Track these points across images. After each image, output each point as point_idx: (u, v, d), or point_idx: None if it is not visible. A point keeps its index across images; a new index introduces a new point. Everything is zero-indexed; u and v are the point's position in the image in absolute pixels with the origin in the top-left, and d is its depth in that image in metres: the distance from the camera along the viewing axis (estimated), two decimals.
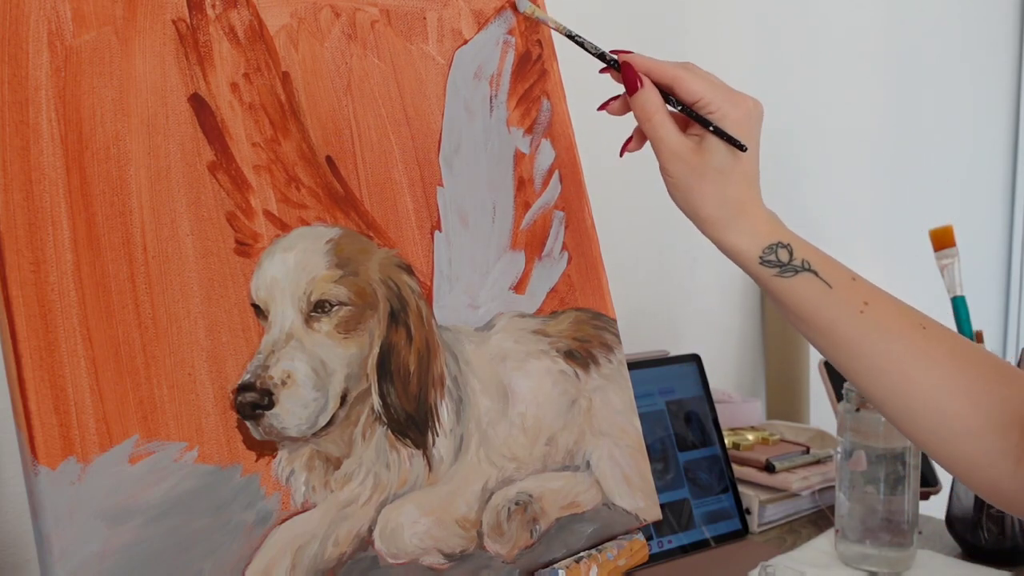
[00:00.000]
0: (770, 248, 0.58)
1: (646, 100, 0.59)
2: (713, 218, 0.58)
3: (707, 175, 0.58)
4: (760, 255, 0.58)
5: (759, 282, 0.59)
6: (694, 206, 0.59)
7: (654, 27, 1.27)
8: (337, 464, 0.55)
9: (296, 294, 0.54)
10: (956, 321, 1.00)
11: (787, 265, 0.58)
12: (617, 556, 0.66)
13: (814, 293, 0.58)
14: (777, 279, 0.58)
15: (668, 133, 0.58)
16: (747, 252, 0.58)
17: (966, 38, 1.96)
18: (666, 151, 0.58)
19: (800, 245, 0.59)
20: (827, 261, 0.59)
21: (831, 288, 0.57)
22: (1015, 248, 2.15)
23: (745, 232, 0.58)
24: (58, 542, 0.43)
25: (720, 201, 0.58)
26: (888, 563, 0.88)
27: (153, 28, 0.51)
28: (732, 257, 0.59)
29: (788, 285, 0.58)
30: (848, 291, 0.58)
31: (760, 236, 0.58)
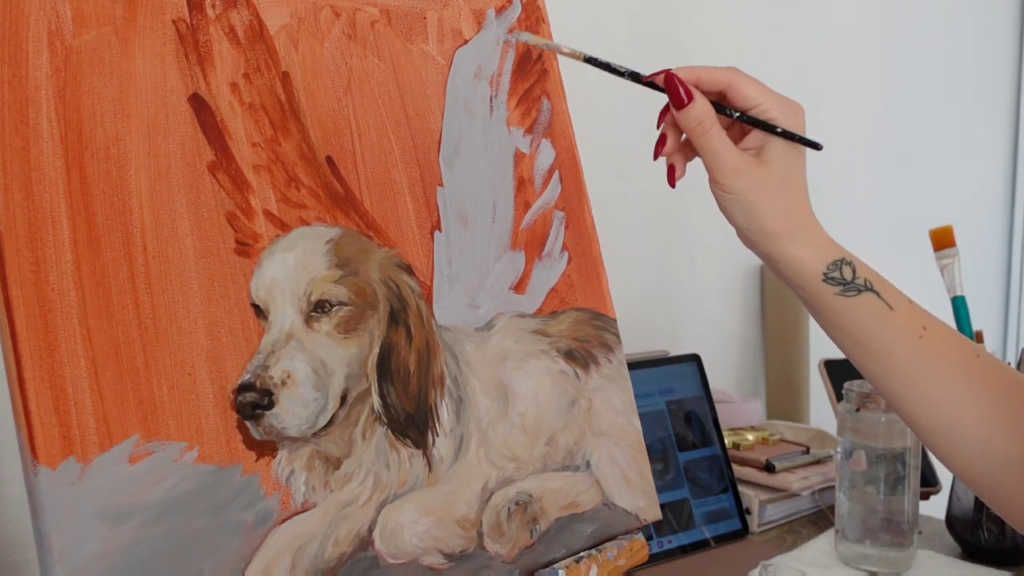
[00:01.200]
0: (835, 264, 0.55)
1: (699, 113, 0.55)
2: (780, 232, 0.55)
3: (771, 188, 0.55)
4: (825, 271, 0.55)
5: (816, 300, 0.56)
6: (760, 222, 0.55)
7: (653, 28, 1.27)
8: (337, 464, 0.55)
9: (296, 294, 0.54)
10: (956, 321, 1.00)
11: (850, 284, 0.55)
12: (617, 556, 0.66)
13: (875, 315, 0.55)
14: (838, 298, 0.55)
15: (727, 148, 0.55)
16: (813, 267, 0.55)
17: (966, 38, 1.96)
18: (726, 168, 0.55)
19: (860, 263, 0.56)
20: (885, 282, 0.56)
21: (892, 310, 0.55)
22: (1015, 248, 2.15)
23: (811, 246, 0.55)
24: (58, 542, 0.43)
25: (787, 214, 0.55)
26: (888, 563, 0.88)
27: (153, 28, 0.51)
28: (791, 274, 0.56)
29: (850, 305, 0.55)
30: (908, 315, 0.55)
31: (825, 251, 0.55)
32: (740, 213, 0.56)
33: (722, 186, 0.55)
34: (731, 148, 0.55)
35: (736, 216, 0.56)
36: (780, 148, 0.56)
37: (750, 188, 0.55)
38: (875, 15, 1.71)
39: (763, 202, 0.55)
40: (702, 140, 0.55)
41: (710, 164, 0.55)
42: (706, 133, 0.55)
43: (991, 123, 2.09)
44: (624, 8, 1.23)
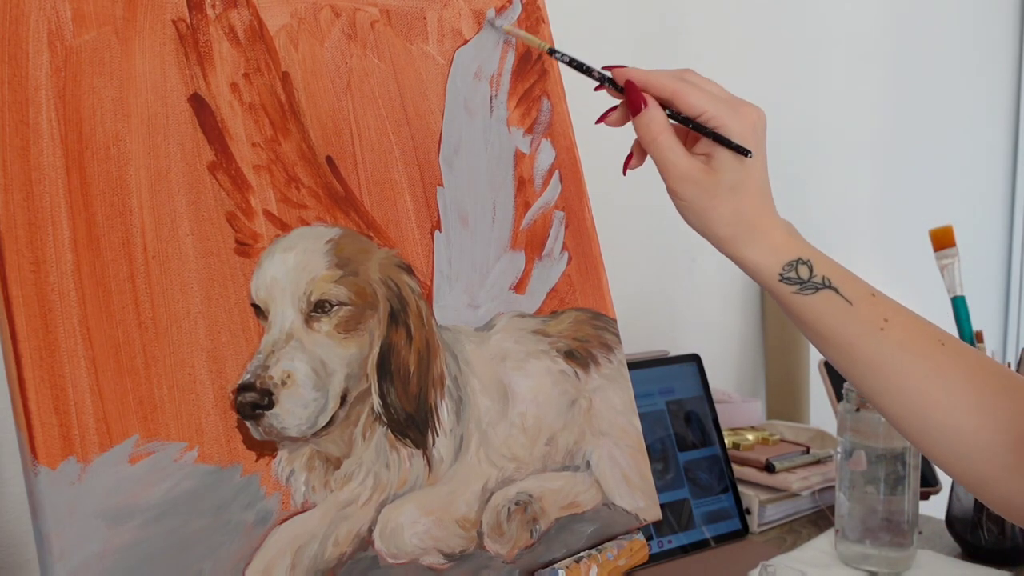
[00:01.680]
0: (790, 265, 0.57)
1: (650, 120, 0.56)
2: (730, 236, 0.57)
3: (719, 194, 0.56)
4: (780, 272, 0.57)
5: (777, 299, 0.58)
6: (710, 227, 0.57)
7: (654, 29, 1.27)
8: (337, 464, 0.55)
9: (296, 294, 0.54)
10: (956, 321, 1.00)
11: (807, 282, 0.56)
12: (617, 556, 0.66)
13: (834, 311, 0.56)
14: (797, 296, 0.57)
15: (676, 155, 0.56)
16: (767, 269, 0.57)
17: (966, 38, 1.96)
18: (675, 174, 0.56)
19: (820, 260, 0.57)
20: (847, 276, 0.57)
21: (851, 305, 0.56)
22: (1015, 248, 2.15)
23: (764, 248, 0.57)
24: (58, 542, 0.43)
25: (736, 219, 0.56)
26: (888, 563, 0.88)
27: (153, 28, 0.51)
28: (751, 274, 0.58)
29: (808, 303, 0.56)
30: (868, 308, 0.56)
31: (779, 252, 0.57)
32: (692, 218, 0.58)
33: (673, 192, 0.57)
34: (681, 155, 0.56)
35: (690, 221, 0.58)
36: (728, 153, 0.56)
37: (699, 195, 0.56)
38: (875, 15, 1.71)
39: (712, 208, 0.56)
40: (652, 147, 0.56)
41: (661, 170, 0.57)
42: (655, 140, 0.56)
43: (991, 123, 2.09)
44: (625, 8, 1.23)
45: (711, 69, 0.61)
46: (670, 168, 0.56)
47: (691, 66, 0.61)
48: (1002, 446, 0.54)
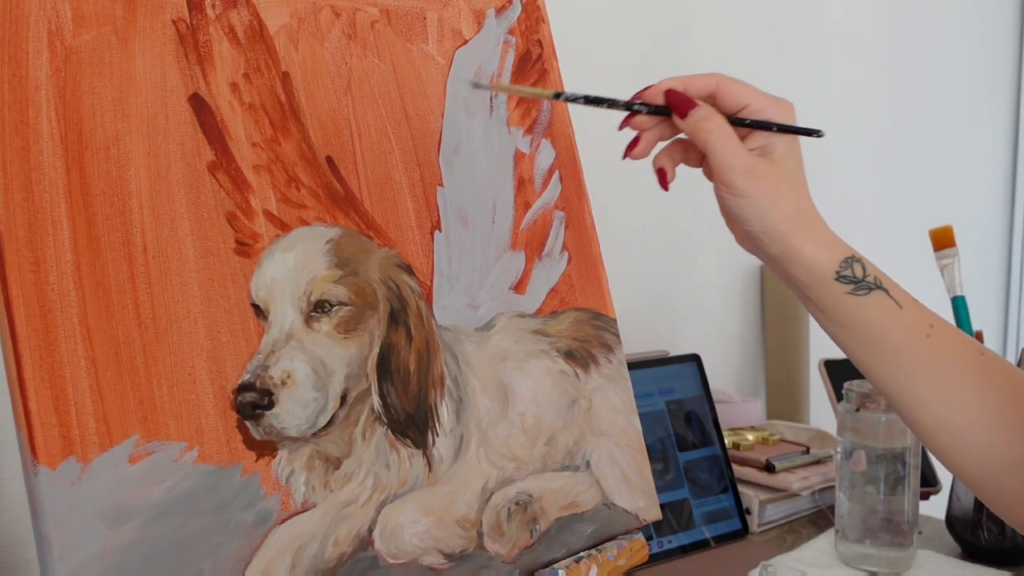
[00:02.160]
0: (846, 262, 0.54)
1: (705, 117, 0.53)
2: (792, 231, 0.54)
3: (782, 186, 0.54)
4: (837, 269, 0.54)
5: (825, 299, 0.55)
6: (773, 221, 0.53)
7: (654, 28, 1.27)
8: (337, 464, 0.55)
9: (296, 294, 0.54)
10: (956, 321, 1.00)
11: (861, 282, 0.54)
12: (617, 556, 0.66)
13: (885, 314, 0.54)
14: (849, 297, 0.54)
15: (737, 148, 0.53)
16: (825, 265, 0.54)
17: (966, 38, 1.96)
18: (741, 167, 0.53)
19: (867, 261, 0.55)
20: (891, 281, 0.55)
21: (901, 308, 0.54)
22: (1015, 248, 2.15)
23: (822, 243, 0.54)
24: (58, 542, 0.43)
25: (797, 212, 0.54)
26: (888, 563, 0.88)
27: (153, 28, 0.51)
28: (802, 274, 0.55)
29: (860, 304, 0.54)
30: (916, 313, 0.55)
31: (835, 248, 0.54)
32: (753, 216, 0.54)
33: (733, 189, 0.54)
34: (741, 149, 0.53)
35: (748, 220, 0.54)
36: (785, 146, 0.54)
37: (763, 188, 0.53)
38: (875, 16, 1.71)
39: (776, 202, 0.54)
40: (710, 139, 0.53)
41: (719, 166, 0.53)
42: (713, 131, 0.53)
43: (991, 123, 2.09)
44: (625, 8, 1.23)
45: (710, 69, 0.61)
46: (733, 162, 0.53)
47: (691, 67, 0.60)
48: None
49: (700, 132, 0.54)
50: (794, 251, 0.54)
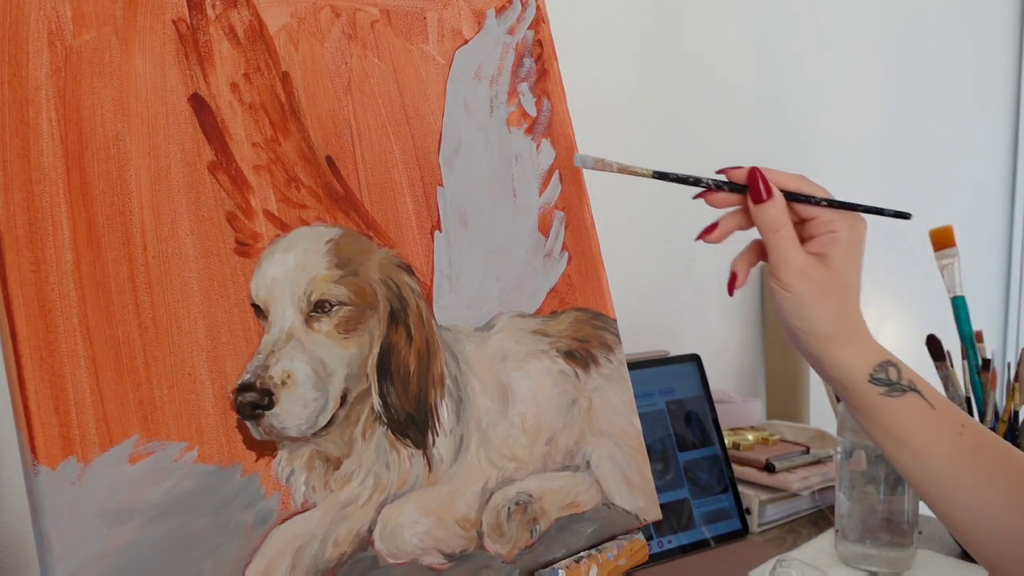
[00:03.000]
0: (881, 366, 0.57)
1: (776, 211, 0.57)
2: (830, 336, 0.57)
3: (831, 292, 0.57)
4: (871, 372, 0.57)
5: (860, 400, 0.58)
6: (812, 324, 0.57)
7: (654, 28, 1.27)
8: (337, 464, 0.55)
9: (296, 294, 0.54)
10: (956, 321, 1.00)
11: (895, 384, 0.57)
12: (617, 556, 0.66)
13: (918, 414, 0.56)
14: (883, 398, 0.57)
15: (796, 248, 0.57)
16: (859, 371, 0.57)
17: (966, 38, 1.96)
18: (793, 266, 0.57)
19: (903, 365, 0.58)
20: (924, 382, 0.58)
21: (934, 409, 0.57)
22: (1015, 248, 2.15)
23: (858, 350, 0.57)
24: (58, 542, 0.43)
25: (840, 319, 0.57)
26: (888, 563, 0.88)
27: (153, 28, 0.51)
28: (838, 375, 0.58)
29: (893, 405, 0.57)
30: (948, 413, 0.57)
31: (871, 354, 0.57)
32: (796, 313, 0.57)
33: (784, 283, 0.57)
34: (798, 248, 0.57)
35: (791, 315, 0.58)
36: (842, 254, 0.57)
37: (810, 290, 0.56)
38: (875, 15, 1.71)
39: (820, 305, 0.57)
40: (774, 237, 0.57)
41: (776, 261, 0.57)
42: (779, 231, 0.57)
43: (991, 123, 2.09)
44: (625, 9, 1.23)
45: (711, 70, 0.61)
46: (789, 260, 0.57)
47: (691, 67, 0.61)
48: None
49: (768, 227, 0.57)
50: (830, 354, 0.57)
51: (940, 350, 1.02)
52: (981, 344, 1.02)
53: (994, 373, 0.99)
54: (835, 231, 0.57)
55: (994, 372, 0.99)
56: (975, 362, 1.01)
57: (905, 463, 0.58)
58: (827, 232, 0.58)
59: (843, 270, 0.57)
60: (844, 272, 0.57)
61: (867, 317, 0.60)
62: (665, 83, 1.26)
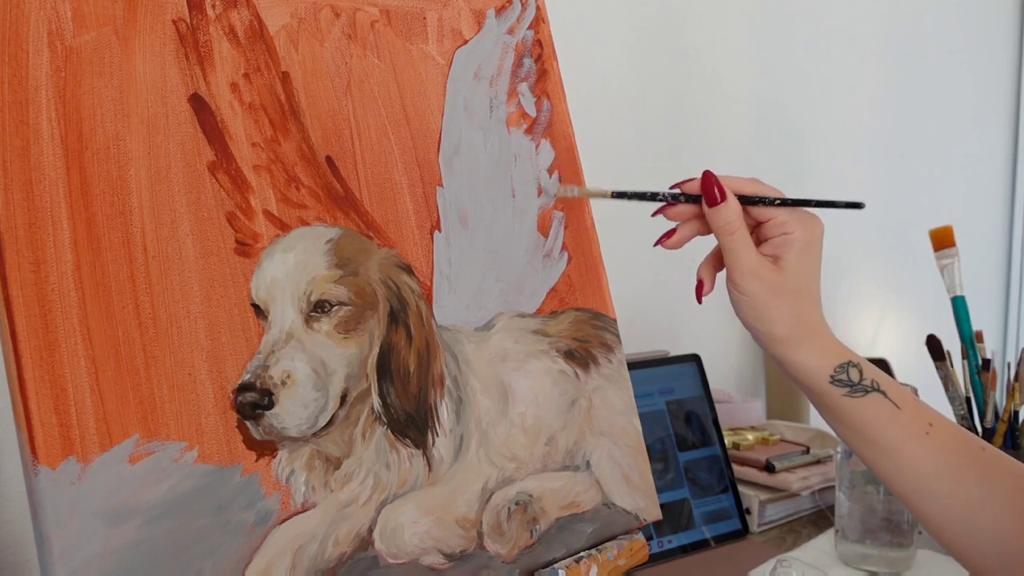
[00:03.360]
0: (841, 367, 0.57)
1: (730, 213, 0.57)
2: (786, 337, 0.57)
3: (784, 295, 0.57)
4: (832, 374, 0.57)
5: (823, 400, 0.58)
6: (767, 325, 0.57)
7: (654, 28, 1.27)
8: (337, 464, 0.55)
9: (296, 294, 0.54)
10: (956, 321, 1.00)
11: (857, 385, 0.57)
12: (617, 556, 0.66)
13: (882, 414, 0.56)
14: (846, 399, 0.57)
15: (749, 250, 0.57)
16: (818, 371, 0.57)
17: (966, 38, 1.96)
18: (745, 267, 0.57)
19: (866, 364, 0.58)
20: (891, 381, 0.58)
21: (899, 409, 0.57)
22: (1015, 248, 2.15)
23: (816, 351, 0.57)
24: (58, 542, 0.43)
25: (795, 321, 0.57)
26: (888, 563, 0.88)
27: (153, 28, 0.51)
28: (798, 375, 0.58)
29: (857, 405, 0.57)
30: (914, 412, 0.57)
31: (831, 354, 0.57)
32: (751, 315, 0.58)
33: (737, 285, 0.58)
34: (752, 251, 0.57)
35: (747, 317, 0.58)
36: (796, 256, 0.57)
37: (763, 291, 0.57)
38: (875, 15, 1.71)
39: (774, 307, 0.57)
40: (728, 240, 0.57)
41: (731, 263, 0.58)
42: (733, 233, 0.57)
43: (991, 123, 2.09)
44: (625, 9, 1.23)
45: (711, 71, 0.61)
46: (741, 261, 0.57)
47: (690, 69, 0.61)
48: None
49: (721, 230, 0.58)
50: (788, 356, 0.58)
51: (940, 350, 1.02)
52: (981, 344, 1.02)
53: (994, 373, 0.99)
54: (788, 233, 0.57)
55: (994, 372, 0.99)
56: (975, 362, 1.01)
57: (876, 463, 0.58)
58: (781, 234, 0.58)
59: (797, 271, 0.57)
60: (798, 274, 0.57)
61: (867, 317, 0.60)
62: (665, 84, 1.26)
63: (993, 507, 0.54)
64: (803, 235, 0.58)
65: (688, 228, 0.61)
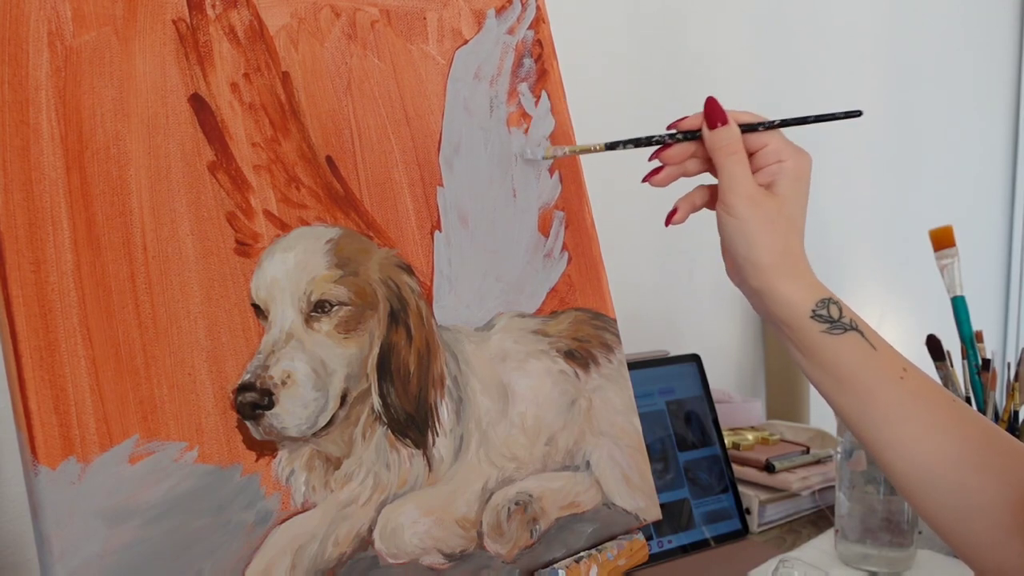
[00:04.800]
0: (822, 303, 0.57)
1: (730, 134, 0.58)
2: (772, 265, 0.57)
3: (777, 221, 0.57)
4: (813, 308, 0.57)
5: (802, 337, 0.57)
6: (756, 251, 0.57)
7: (653, 28, 1.27)
8: (337, 464, 0.55)
9: (296, 294, 0.54)
10: (956, 321, 1.00)
11: (837, 322, 0.57)
12: (617, 556, 0.66)
13: (859, 354, 0.56)
14: (824, 335, 0.57)
15: (746, 173, 0.57)
16: (801, 304, 0.57)
17: (966, 38, 1.96)
18: (741, 190, 0.57)
19: (845, 305, 0.58)
20: (867, 325, 0.58)
21: (875, 350, 0.57)
22: (1015, 248, 2.15)
23: (800, 284, 0.57)
24: (58, 542, 0.43)
25: (783, 249, 0.57)
26: (888, 563, 0.88)
27: (153, 28, 0.51)
28: (779, 309, 0.58)
29: (835, 343, 0.56)
30: (889, 356, 0.57)
31: (813, 289, 0.57)
32: (741, 241, 0.57)
33: (731, 208, 0.57)
34: (749, 175, 0.57)
35: (736, 243, 0.58)
36: (789, 185, 0.58)
37: (757, 216, 0.57)
38: (875, 15, 1.71)
39: (766, 233, 0.57)
40: (727, 160, 0.57)
41: (727, 185, 0.57)
42: (734, 153, 0.57)
43: (991, 123, 2.09)
44: (625, 9, 1.23)
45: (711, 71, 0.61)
46: (738, 183, 0.57)
47: (690, 69, 0.61)
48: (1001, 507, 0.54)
49: (722, 150, 0.58)
50: (772, 286, 0.57)
51: (940, 350, 1.02)
52: (981, 344, 1.02)
53: (994, 373, 0.99)
54: (783, 160, 0.58)
55: (994, 372, 0.99)
56: (975, 362, 1.01)
57: (846, 405, 0.58)
58: (775, 162, 0.58)
59: (789, 200, 0.58)
60: (790, 203, 0.58)
61: (867, 317, 0.60)
62: (665, 84, 1.26)
63: (956, 458, 0.55)
64: (795, 165, 0.58)
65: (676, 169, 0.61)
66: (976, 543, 0.55)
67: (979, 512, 0.54)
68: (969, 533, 0.55)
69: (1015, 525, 0.54)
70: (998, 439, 0.55)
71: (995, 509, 0.54)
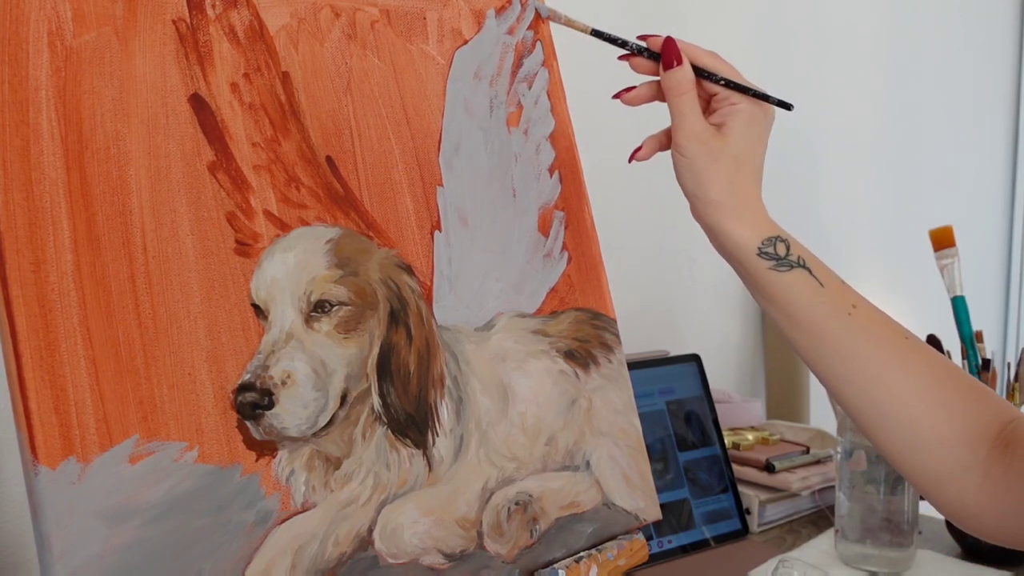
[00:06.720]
0: (769, 240, 0.58)
1: (682, 76, 0.60)
2: (720, 203, 0.59)
3: (722, 160, 0.59)
4: (759, 246, 0.58)
5: (751, 274, 0.59)
6: (704, 188, 0.59)
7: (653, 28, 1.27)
8: (337, 464, 0.55)
9: (296, 294, 0.54)
10: (956, 321, 1.00)
11: (783, 259, 0.58)
12: (617, 556, 0.66)
13: (806, 290, 0.58)
14: (771, 272, 0.58)
15: (695, 113, 0.59)
16: (747, 242, 0.58)
17: (966, 38, 1.96)
18: (689, 130, 0.59)
19: (795, 243, 0.59)
20: (817, 262, 0.59)
21: (822, 287, 0.58)
22: (1015, 248, 2.15)
23: (747, 222, 0.59)
24: (58, 542, 0.43)
25: (730, 188, 0.59)
26: (888, 563, 0.88)
27: (153, 28, 0.51)
28: (729, 246, 0.59)
29: (782, 280, 0.58)
30: (838, 292, 0.58)
31: (761, 227, 0.59)
32: (689, 178, 0.60)
33: (679, 146, 0.60)
34: (698, 115, 0.60)
35: (685, 180, 0.60)
36: (740, 128, 0.60)
37: (702, 154, 0.59)
38: (875, 16, 1.71)
39: (711, 171, 0.59)
40: (677, 101, 0.60)
41: (676, 124, 0.60)
42: (682, 95, 0.60)
43: (991, 123, 2.09)
44: (624, 10, 1.23)
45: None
46: (686, 123, 0.59)
47: None
48: (958, 442, 0.54)
49: (673, 90, 0.60)
50: (721, 223, 0.59)
51: (940, 350, 1.02)
52: (981, 344, 1.02)
53: (994, 373, 0.99)
54: (735, 104, 0.60)
55: (994, 372, 0.99)
56: (975, 362, 1.01)
57: (797, 341, 0.59)
58: (728, 105, 0.60)
59: (738, 140, 0.59)
60: (739, 142, 0.59)
61: None
62: None
63: (909, 394, 0.55)
64: (748, 108, 0.60)
65: (647, 88, 0.64)
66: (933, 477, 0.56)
67: (934, 447, 0.55)
68: (925, 467, 0.56)
69: (973, 460, 0.54)
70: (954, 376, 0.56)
71: (949, 444, 0.54)
